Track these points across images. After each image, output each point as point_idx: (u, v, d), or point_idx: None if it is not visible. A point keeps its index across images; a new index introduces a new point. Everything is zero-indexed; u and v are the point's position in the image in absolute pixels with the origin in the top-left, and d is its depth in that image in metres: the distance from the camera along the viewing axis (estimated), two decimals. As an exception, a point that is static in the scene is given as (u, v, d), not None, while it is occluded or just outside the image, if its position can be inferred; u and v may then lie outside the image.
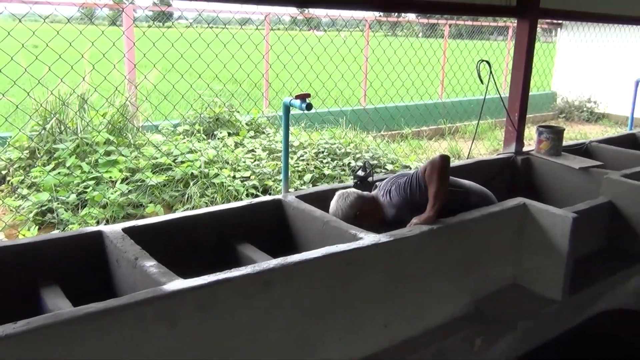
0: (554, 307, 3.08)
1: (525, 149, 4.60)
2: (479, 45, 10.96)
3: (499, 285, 3.18)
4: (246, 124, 7.96)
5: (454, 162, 4.19)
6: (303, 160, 6.82)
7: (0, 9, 5.12)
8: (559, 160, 4.29)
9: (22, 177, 5.70)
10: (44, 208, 5.22)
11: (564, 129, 4.55)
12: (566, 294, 3.10)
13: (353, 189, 3.12)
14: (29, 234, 4.83)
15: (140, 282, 2.17)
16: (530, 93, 4.64)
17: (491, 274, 3.12)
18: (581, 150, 4.75)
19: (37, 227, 5.02)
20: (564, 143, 4.54)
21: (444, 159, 2.91)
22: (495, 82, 4.16)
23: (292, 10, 10.84)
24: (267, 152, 7.00)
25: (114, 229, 2.56)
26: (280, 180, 5.97)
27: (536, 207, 3.14)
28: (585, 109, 13.58)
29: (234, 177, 6.20)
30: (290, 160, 6.41)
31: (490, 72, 4.12)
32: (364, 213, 3.00)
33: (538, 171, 4.43)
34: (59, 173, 5.62)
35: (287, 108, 3.18)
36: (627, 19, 5.83)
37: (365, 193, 3.12)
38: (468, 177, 3.40)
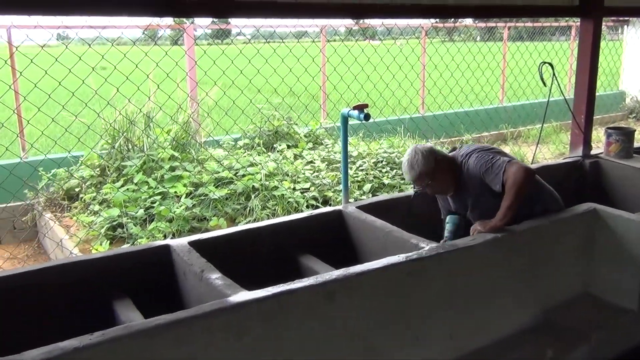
0: (629, 316, 2.94)
1: (593, 152, 4.42)
2: (540, 47, 10.64)
3: (570, 295, 3.06)
4: (304, 135, 8.04)
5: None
6: (362, 170, 6.81)
7: (72, 35, 5.41)
8: (630, 162, 4.10)
9: (94, 194, 5.96)
10: (114, 223, 5.44)
11: (635, 130, 4.35)
12: (642, 304, 2.95)
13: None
14: (102, 249, 5.04)
15: (207, 294, 2.23)
16: (597, 93, 4.47)
17: (561, 283, 3.02)
18: (654, 152, 4.52)
19: (108, 241, 5.23)
20: (635, 145, 4.34)
21: (529, 176, 2.81)
22: (559, 84, 4.04)
23: (348, 22, 10.88)
24: (326, 163, 7.03)
25: (180, 243, 2.64)
26: (340, 190, 5.99)
27: (608, 213, 3.02)
28: (657, 108, 12.94)
29: (294, 188, 6.26)
30: (349, 170, 6.42)
31: (554, 73, 4.00)
32: (441, 169, 2.95)
33: (608, 175, 4.24)
34: (127, 189, 5.85)
35: (345, 119, 3.20)
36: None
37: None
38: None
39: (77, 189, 6.25)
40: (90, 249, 5.14)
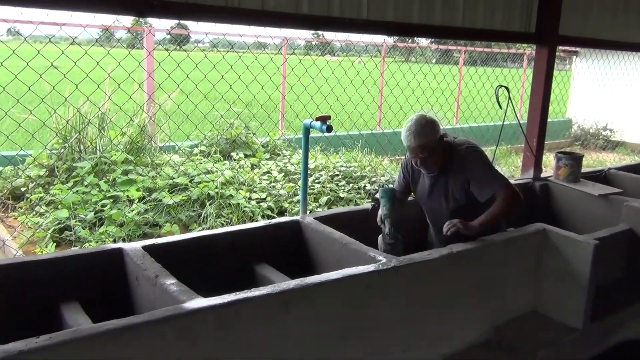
0: (574, 335, 3.03)
1: (543, 175, 4.57)
2: (496, 72, 10.98)
3: (519, 312, 3.13)
4: (262, 145, 8.01)
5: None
6: (319, 182, 6.83)
7: (24, 30, 5.24)
8: (578, 186, 4.26)
9: (42, 195, 5.76)
10: (61, 225, 5.26)
11: (583, 156, 4.53)
12: (587, 323, 3.05)
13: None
14: (46, 251, 4.87)
15: (160, 300, 2.17)
16: (547, 119, 4.63)
17: (511, 301, 3.09)
18: (600, 177, 4.71)
19: (54, 244, 5.05)
20: (582, 170, 4.51)
21: (519, 200, 2.95)
22: (513, 108, 4.16)
23: (307, 35, 10.95)
24: (283, 174, 7.02)
25: (134, 247, 2.57)
26: (297, 202, 5.99)
27: (556, 234, 3.11)
28: (601, 136, 13.49)
29: (250, 198, 6.21)
30: (306, 182, 6.42)
31: (509, 97, 4.12)
32: (440, 146, 2.96)
33: (556, 197, 4.40)
34: (77, 191, 5.68)
35: (307, 130, 3.20)
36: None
37: None
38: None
39: (23, 189, 6.02)
40: (35, 251, 4.95)
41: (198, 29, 8.80)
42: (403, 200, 3.29)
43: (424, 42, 14.70)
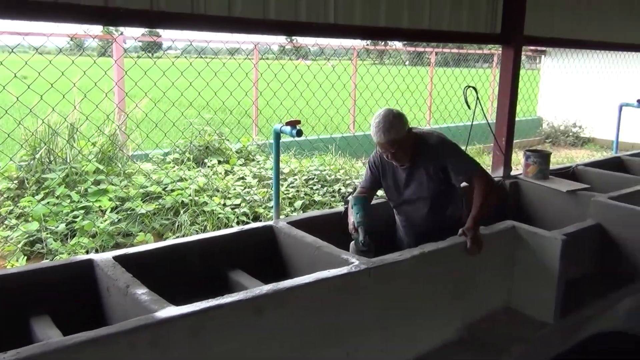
0: (546, 330, 3.08)
1: (513, 173, 4.65)
2: (465, 73, 11.12)
3: (492, 309, 3.18)
4: (236, 151, 7.99)
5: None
6: (293, 187, 6.83)
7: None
8: (546, 183, 4.34)
9: (11, 207, 5.65)
10: (32, 238, 5.17)
11: (551, 153, 4.61)
12: (558, 317, 3.11)
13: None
14: (17, 265, 4.78)
15: (132, 310, 2.15)
16: (516, 119, 4.71)
17: (483, 298, 3.13)
18: (568, 173, 4.81)
19: (25, 257, 4.96)
20: (551, 167, 4.60)
21: (495, 184, 3.14)
22: (482, 108, 4.22)
23: (281, 40, 10.97)
24: (258, 179, 7.01)
25: (104, 257, 2.54)
26: (271, 207, 5.98)
27: (525, 230, 3.17)
28: (570, 133, 13.76)
29: (224, 204, 6.19)
30: (280, 187, 6.42)
31: (477, 97, 4.17)
32: (409, 139, 2.99)
33: (526, 195, 4.47)
34: (48, 203, 5.59)
35: (277, 135, 3.21)
36: (606, 45, 5.97)
37: None
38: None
39: (-9, 202, 5.91)
40: (5, 265, 4.86)
41: (168, 36, 8.73)
42: (370, 197, 3.29)
43: (397, 44, 14.84)
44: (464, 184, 3.15)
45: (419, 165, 3.10)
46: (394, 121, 2.92)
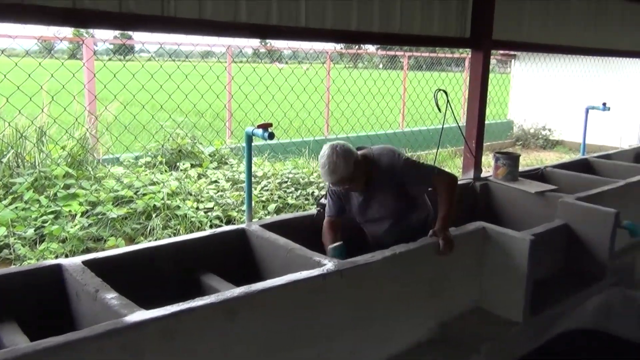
0: (515, 329, 3.14)
1: (483, 175, 4.72)
2: (436, 77, 11.24)
3: (463, 309, 3.22)
4: (209, 155, 7.94)
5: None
6: (267, 190, 6.82)
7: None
8: (515, 185, 4.41)
9: (-23, 213, 5.52)
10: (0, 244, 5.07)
11: (520, 155, 4.69)
12: (527, 316, 3.16)
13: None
14: (-16, 271, 4.67)
15: (102, 315, 2.13)
16: (487, 122, 4.78)
17: (455, 298, 3.17)
18: (537, 175, 4.90)
19: (-8, 263, 4.86)
20: (521, 169, 4.68)
21: (456, 185, 3.14)
22: (452, 111, 4.27)
23: (255, 43, 10.94)
24: (231, 182, 6.98)
25: (73, 262, 2.51)
26: (244, 210, 5.96)
27: (495, 231, 3.22)
28: (540, 136, 14.01)
29: (197, 208, 6.15)
30: (254, 190, 6.40)
31: (448, 100, 4.22)
32: (359, 170, 2.96)
33: (496, 196, 4.54)
34: (16, 207, 5.48)
35: (249, 137, 3.21)
36: (574, 50, 6.10)
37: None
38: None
39: (-44, 208, 5.76)
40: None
41: (139, 39, 8.65)
42: (340, 224, 3.25)
43: (371, 48, 14.92)
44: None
45: (375, 187, 3.11)
46: (337, 161, 2.87)
